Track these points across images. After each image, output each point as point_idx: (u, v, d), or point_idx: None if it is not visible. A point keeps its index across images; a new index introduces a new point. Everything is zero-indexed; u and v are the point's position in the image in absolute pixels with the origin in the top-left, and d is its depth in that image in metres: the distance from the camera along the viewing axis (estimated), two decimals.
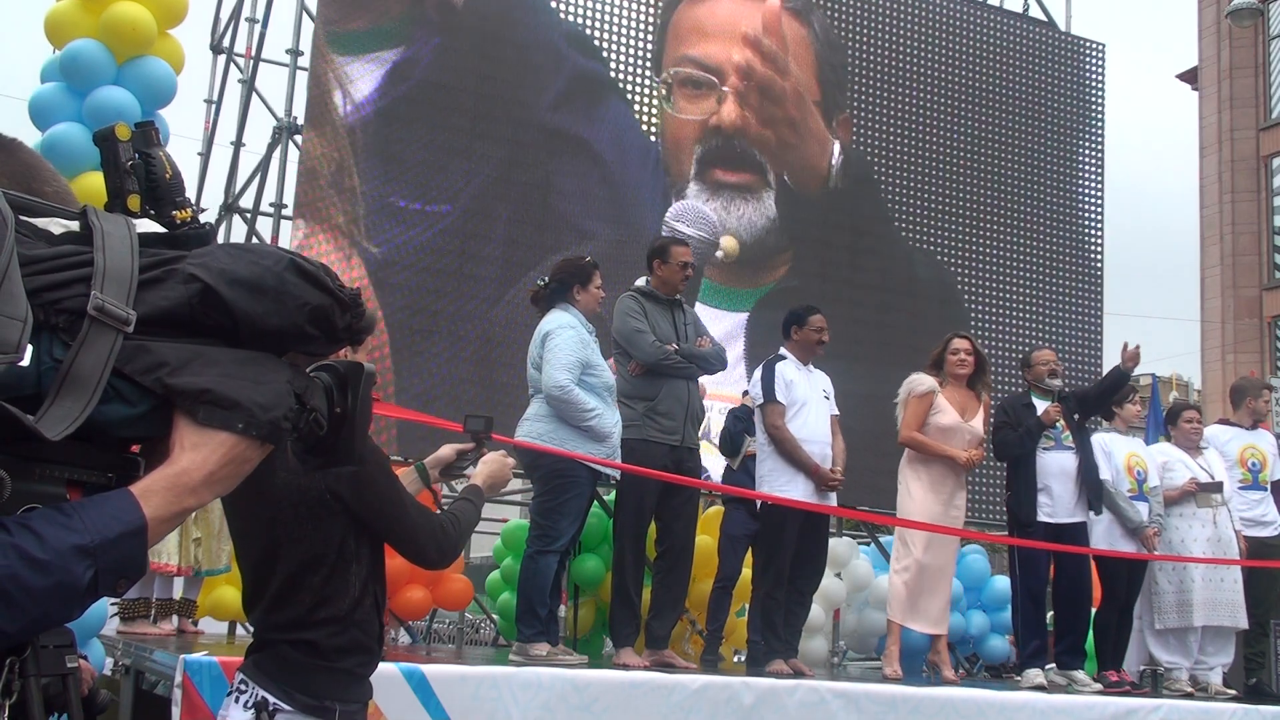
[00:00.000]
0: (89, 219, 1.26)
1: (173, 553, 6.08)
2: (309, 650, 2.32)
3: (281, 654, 2.33)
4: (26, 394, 1.14)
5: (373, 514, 2.37)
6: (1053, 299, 10.59)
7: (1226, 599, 6.79)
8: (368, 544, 2.41)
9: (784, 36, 9.51)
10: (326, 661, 2.33)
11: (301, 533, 2.33)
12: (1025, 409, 6.52)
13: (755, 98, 9.30)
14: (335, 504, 2.33)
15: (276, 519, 2.33)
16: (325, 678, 2.32)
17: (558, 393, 5.23)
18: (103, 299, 1.17)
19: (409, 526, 2.41)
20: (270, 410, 1.22)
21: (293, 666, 2.31)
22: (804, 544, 5.97)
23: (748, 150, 9.28)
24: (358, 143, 7.90)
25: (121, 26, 5.09)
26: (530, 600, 5.24)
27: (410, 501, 2.43)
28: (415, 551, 2.46)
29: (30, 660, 1.33)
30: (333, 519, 2.34)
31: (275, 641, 2.35)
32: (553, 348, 5.30)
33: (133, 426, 1.21)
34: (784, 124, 9.42)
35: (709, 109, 9.21)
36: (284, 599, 2.35)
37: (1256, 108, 19.76)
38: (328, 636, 2.33)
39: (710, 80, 9.26)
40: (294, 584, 2.34)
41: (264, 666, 2.33)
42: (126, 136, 1.38)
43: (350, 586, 2.36)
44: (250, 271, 1.26)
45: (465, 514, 2.57)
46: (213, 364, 1.21)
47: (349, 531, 2.36)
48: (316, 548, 2.33)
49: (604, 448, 5.31)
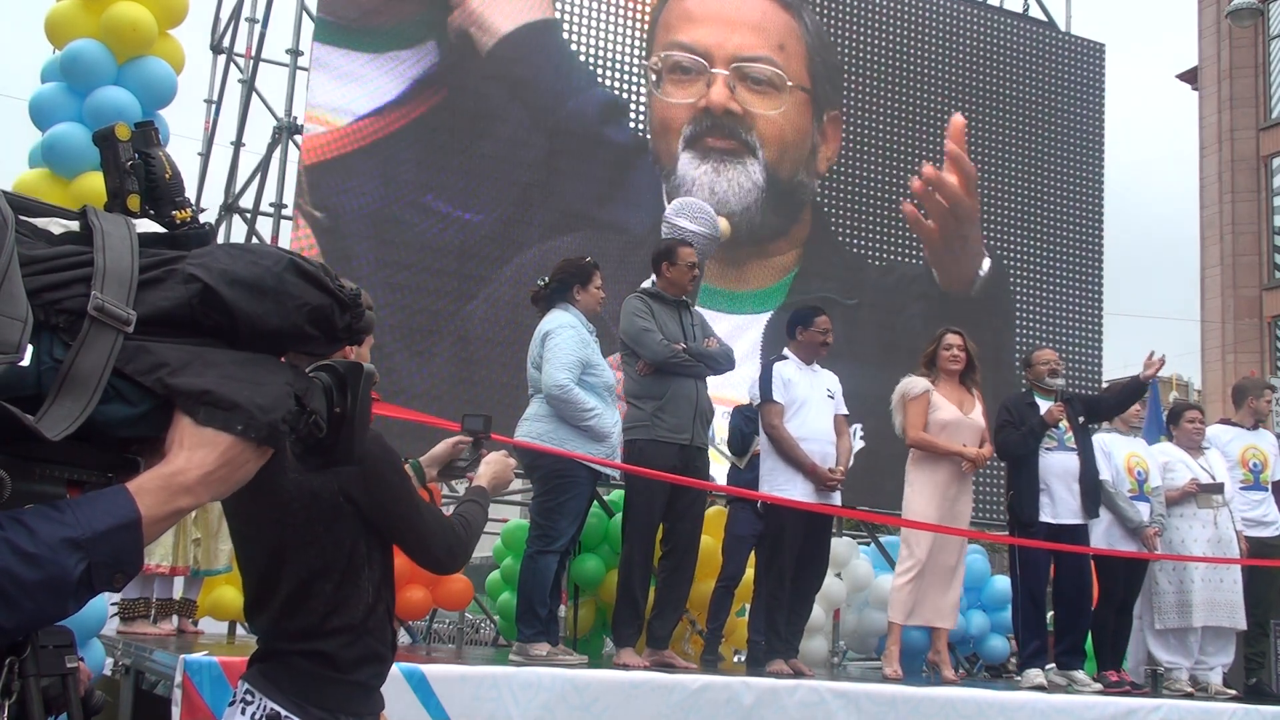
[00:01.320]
0: (89, 219, 1.26)
1: (166, 554, 6.08)
2: (322, 661, 2.22)
3: (293, 665, 2.23)
4: (27, 394, 1.14)
5: (386, 516, 2.29)
6: (1053, 299, 10.59)
7: (1226, 599, 6.79)
8: (379, 548, 2.32)
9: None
10: (341, 673, 2.23)
11: (312, 536, 2.23)
12: (1028, 408, 6.52)
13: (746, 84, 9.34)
14: (348, 506, 2.24)
15: (284, 521, 2.23)
16: (340, 690, 2.23)
17: (558, 392, 5.25)
18: (103, 299, 1.17)
19: (421, 529, 2.33)
20: (270, 412, 1.23)
21: (305, 678, 2.22)
22: (806, 544, 5.97)
23: (734, 127, 9.28)
24: (359, 142, 7.90)
25: (122, 26, 5.08)
26: (530, 600, 5.24)
27: (423, 503, 2.36)
28: (425, 554, 2.38)
29: (30, 660, 1.33)
30: (344, 522, 2.24)
31: (285, 652, 2.25)
32: (552, 347, 5.32)
33: (133, 426, 1.21)
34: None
35: (698, 92, 9.23)
36: (294, 606, 2.25)
37: (1256, 108, 19.76)
38: (341, 647, 2.23)
39: (700, 63, 9.27)
40: (305, 591, 2.24)
41: (273, 677, 2.22)
42: (127, 136, 1.38)
43: (363, 593, 2.27)
44: (250, 272, 1.26)
45: (475, 516, 2.50)
46: (213, 365, 1.22)
47: (361, 535, 2.27)
48: (328, 553, 2.24)
49: (603, 448, 5.32)
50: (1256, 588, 7.03)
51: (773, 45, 9.57)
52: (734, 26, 9.42)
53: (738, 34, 9.41)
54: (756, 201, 9.32)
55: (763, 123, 9.40)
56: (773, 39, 9.59)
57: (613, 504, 7.29)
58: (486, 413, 2.89)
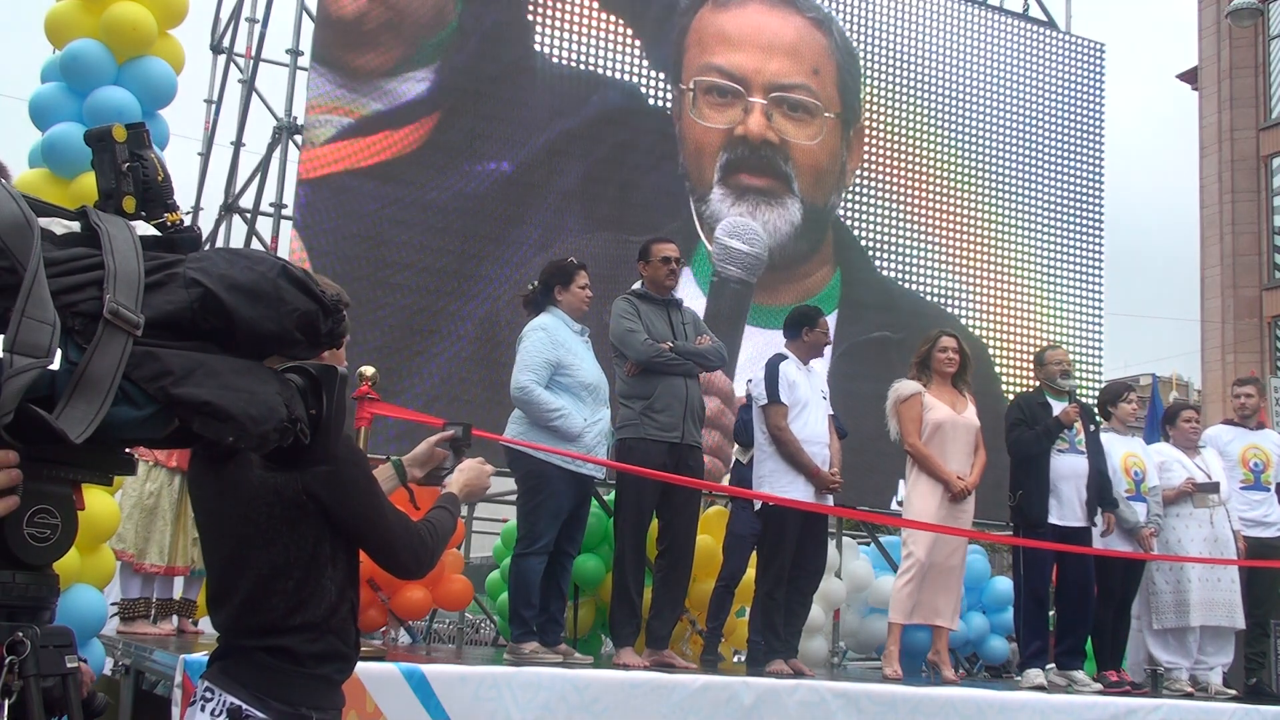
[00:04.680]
0: (90, 220, 1.27)
1: (163, 554, 6.08)
2: (284, 656, 2.21)
3: (254, 660, 2.21)
4: (41, 395, 1.15)
5: (350, 518, 2.26)
6: (1053, 298, 10.59)
7: (1224, 599, 6.79)
8: (344, 549, 2.29)
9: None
10: (303, 668, 2.22)
11: (274, 534, 2.20)
12: (1040, 408, 6.52)
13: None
14: (311, 505, 2.21)
15: (247, 517, 2.21)
16: (302, 684, 2.22)
17: (518, 394, 5.37)
18: (116, 303, 1.18)
19: (386, 534, 2.30)
20: (261, 424, 1.27)
21: (267, 672, 2.20)
22: (804, 544, 5.98)
23: (772, 159, 9.27)
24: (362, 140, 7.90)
25: (122, 26, 5.07)
26: (516, 602, 5.32)
27: (390, 508, 2.33)
28: (390, 559, 2.35)
29: (30, 660, 1.34)
30: (307, 521, 2.22)
31: (246, 648, 2.23)
32: (520, 350, 5.46)
33: (138, 429, 1.23)
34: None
35: (735, 118, 9.21)
36: (255, 603, 2.23)
37: (1256, 108, 19.74)
38: (303, 643, 2.22)
39: (736, 89, 9.25)
40: (266, 588, 2.22)
41: (233, 673, 2.21)
42: (123, 138, 1.39)
43: (326, 593, 2.24)
44: (248, 277, 1.28)
45: (443, 523, 2.47)
46: (214, 375, 1.24)
47: (325, 535, 2.24)
48: (290, 550, 2.21)
49: (576, 447, 5.36)
50: (1257, 588, 7.03)
51: (808, 70, 9.55)
52: (770, 52, 9.39)
53: (774, 60, 9.39)
54: (791, 236, 9.33)
55: (799, 152, 9.41)
56: (807, 63, 9.58)
57: (612, 504, 7.29)
58: (468, 421, 2.88)
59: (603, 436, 5.52)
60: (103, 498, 4.67)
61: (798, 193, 9.34)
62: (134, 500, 6.04)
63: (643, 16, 9.11)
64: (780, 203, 9.27)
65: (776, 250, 9.22)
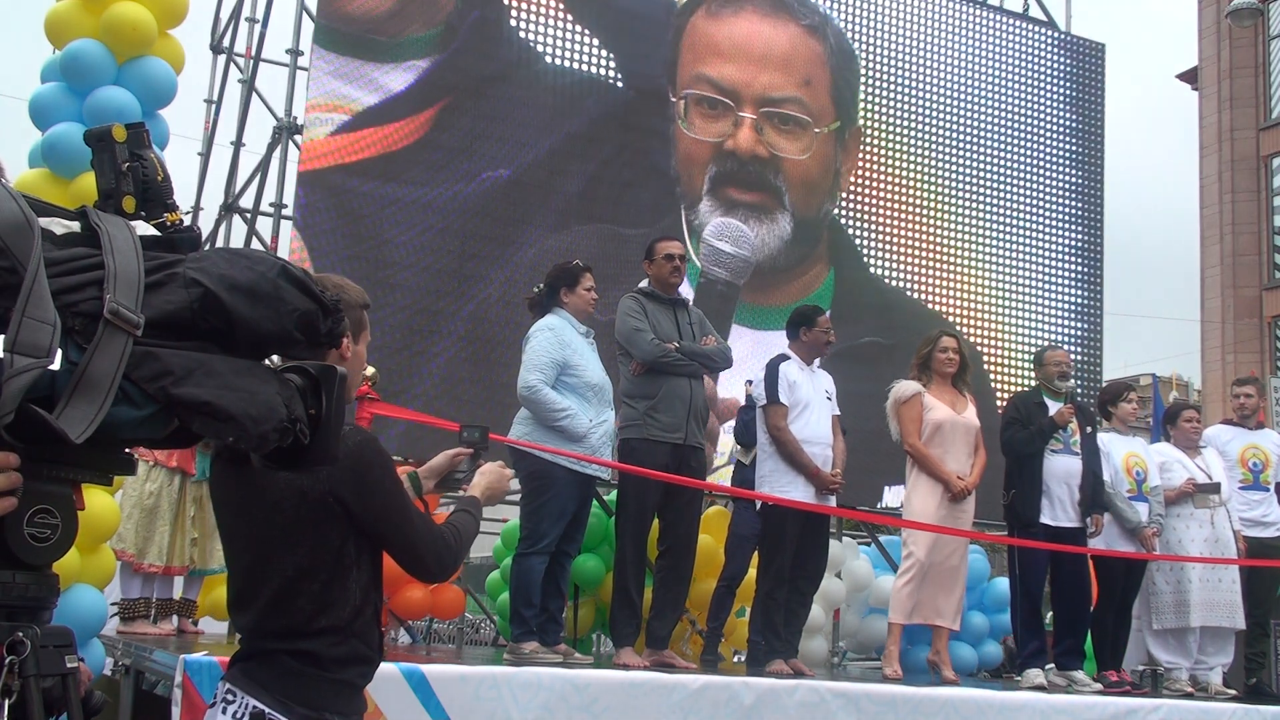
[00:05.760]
0: (90, 220, 1.27)
1: (161, 553, 6.08)
2: (308, 660, 2.20)
3: (277, 663, 2.19)
4: (41, 395, 1.15)
5: (376, 521, 2.25)
6: (1053, 298, 10.59)
7: (1224, 599, 6.79)
8: (369, 551, 2.29)
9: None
10: (327, 672, 2.21)
11: (299, 536, 2.20)
12: (1036, 407, 6.52)
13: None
14: (337, 508, 2.20)
15: (272, 519, 2.20)
16: (325, 688, 2.21)
17: (526, 393, 5.36)
18: (117, 303, 1.18)
19: (411, 537, 2.30)
20: (261, 424, 1.26)
21: (290, 676, 2.19)
22: (804, 544, 5.97)
23: (762, 173, 9.26)
24: (363, 139, 7.90)
25: (122, 26, 5.08)
26: (517, 601, 5.31)
27: (414, 511, 2.33)
28: (415, 562, 2.35)
29: (30, 660, 1.34)
30: (333, 523, 2.21)
31: (270, 650, 2.21)
32: (527, 350, 5.45)
33: (138, 429, 1.23)
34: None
35: (724, 131, 9.19)
36: (279, 605, 2.21)
37: (1256, 108, 19.74)
38: (328, 646, 2.21)
39: (725, 103, 9.24)
40: (290, 590, 2.20)
41: (256, 675, 2.19)
42: (123, 138, 1.39)
43: (351, 595, 2.23)
44: (247, 278, 1.28)
45: (466, 526, 2.47)
46: (214, 375, 1.24)
47: (349, 537, 2.24)
48: (315, 553, 2.21)
49: (581, 448, 5.35)
50: (1257, 588, 7.03)
51: (799, 82, 9.52)
52: (762, 64, 9.37)
53: (765, 72, 9.36)
54: (781, 250, 9.31)
55: (790, 165, 9.39)
56: (799, 74, 9.54)
57: (612, 504, 7.29)
58: (484, 424, 2.87)
59: (608, 437, 5.52)
60: (103, 498, 4.68)
61: (789, 206, 9.33)
62: (134, 500, 6.04)
63: (642, 17, 9.11)
64: (770, 217, 9.26)
65: (767, 262, 9.22)
